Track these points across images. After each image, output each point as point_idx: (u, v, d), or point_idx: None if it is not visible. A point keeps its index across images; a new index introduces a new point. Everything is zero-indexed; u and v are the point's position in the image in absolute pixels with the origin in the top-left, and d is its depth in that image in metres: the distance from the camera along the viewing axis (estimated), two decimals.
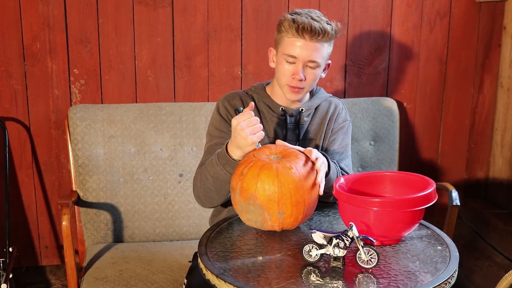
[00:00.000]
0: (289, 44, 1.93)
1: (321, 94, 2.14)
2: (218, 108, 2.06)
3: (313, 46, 1.92)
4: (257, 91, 2.09)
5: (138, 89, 2.80)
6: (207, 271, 1.51)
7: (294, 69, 1.95)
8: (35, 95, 2.73)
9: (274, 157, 1.71)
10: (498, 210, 3.04)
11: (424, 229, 1.77)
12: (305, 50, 1.92)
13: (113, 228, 2.59)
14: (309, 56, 1.93)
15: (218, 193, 1.90)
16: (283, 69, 1.96)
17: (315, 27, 1.89)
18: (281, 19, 1.97)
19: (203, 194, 1.94)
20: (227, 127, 1.99)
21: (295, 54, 1.93)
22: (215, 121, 2.05)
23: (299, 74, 1.94)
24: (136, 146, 2.62)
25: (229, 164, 1.80)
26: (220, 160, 1.83)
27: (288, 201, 1.64)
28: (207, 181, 1.89)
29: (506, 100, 3.02)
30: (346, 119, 2.14)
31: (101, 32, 2.72)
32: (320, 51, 1.94)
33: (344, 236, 1.49)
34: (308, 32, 1.90)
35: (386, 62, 2.97)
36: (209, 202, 1.97)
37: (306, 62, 1.94)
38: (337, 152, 2.08)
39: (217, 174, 1.85)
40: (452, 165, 3.16)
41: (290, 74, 1.95)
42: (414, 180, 1.75)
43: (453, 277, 1.51)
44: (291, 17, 1.93)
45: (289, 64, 1.95)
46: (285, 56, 1.95)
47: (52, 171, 2.81)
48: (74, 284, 2.34)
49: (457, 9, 2.97)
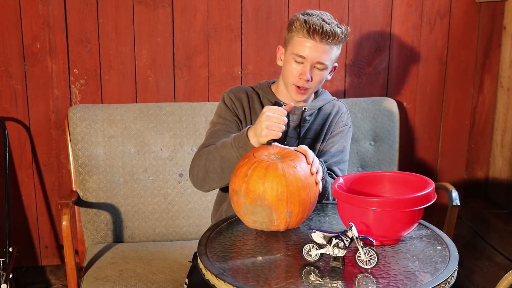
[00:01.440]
0: (299, 44, 1.95)
1: (326, 96, 2.16)
2: (224, 98, 2.09)
3: (323, 48, 1.94)
4: (262, 88, 2.12)
5: (138, 89, 2.80)
6: (207, 271, 1.51)
7: (302, 69, 1.96)
8: (35, 95, 2.73)
9: (275, 157, 1.71)
10: (498, 210, 3.04)
11: (424, 229, 1.77)
12: (314, 51, 1.94)
13: (113, 228, 2.59)
14: (318, 57, 1.94)
15: (222, 175, 1.88)
16: (291, 68, 1.98)
17: (326, 29, 1.91)
18: (293, 19, 1.98)
19: (203, 173, 1.92)
20: (231, 116, 2.04)
21: (304, 55, 1.94)
22: (219, 110, 2.08)
23: (306, 74, 1.95)
24: (136, 146, 2.62)
25: (245, 148, 1.80)
26: (236, 142, 1.83)
27: (296, 200, 1.64)
28: (215, 161, 1.87)
29: (506, 100, 3.02)
30: (347, 123, 2.15)
31: (101, 32, 2.72)
32: (328, 53, 1.96)
33: (344, 236, 1.49)
34: (319, 34, 1.91)
35: (386, 62, 2.97)
36: (207, 183, 1.94)
37: (314, 63, 1.96)
38: (332, 155, 2.08)
39: (228, 156, 1.84)
40: (452, 165, 3.15)
41: (298, 73, 1.97)
42: (413, 180, 1.75)
43: (452, 277, 1.51)
44: (303, 18, 1.94)
45: (297, 64, 1.97)
46: (294, 55, 1.96)
47: (52, 171, 2.81)
48: (74, 284, 2.34)
49: (457, 9, 2.97)
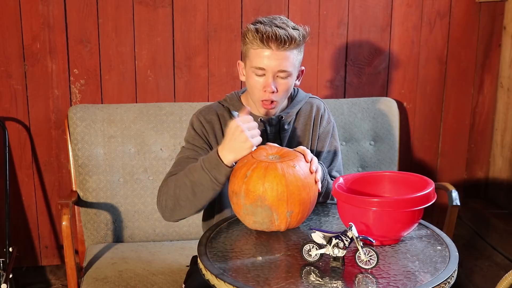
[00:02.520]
0: (256, 56, 1.83)
1: (300, 97, 2.04)
2: (193, 123, 1.96)
3: (281, 55, 1.81)
4: (232, 102, 1.98)
5: (138, 89, 2.80)
6: (207, 271, 1.51)
7: (264, 81, 1.84)
8: (35, 95, 2.73)
9: (273, 157, 1.71)
10: (498, 210, 3.04)
11: (424, 229, 1.77)
12: (273, 60, 1.81)
13: (113, 228, 2.59)
14: (278, 66, 1.82)
15: (194, 202, 1.79)
16: (253, 82, 1.86)
17: (280, 35, 1.78)
18: (244, 31, 1.86)
19: (173, 202, 1.81)
20: (201, 143, 1.92)
21: (263, 66, 1.82)
22: (188, 135, 1.96)
23: (270, 86, 1.84)
24: (136, 146, 2.62)
25: (217, 169, 1.71)
26: (206, 164, 1.73)
27: (296, 199, 1.64)
28: (185, 187, 1.77)
29: (506, 100, 3.02)
30: (330, 120, 2.06)
31: (101, 32, 2.72)
32: (289, 60, 1.83)
33: (344, 236, 1.49)
34: (273, 41, 1.79)
35: (386, 62, 2.97)
36: (177, 212, 1.83)
37: (276, 72, 1.83)
38: (327, 159, 2.03)
39: (200, 180, 1.74)
40: (452, 165, 3.15)
41: (261, 87, 1.85)
42: (413, 180, 1.75)
43: (452, 277, 1.51)
44: (253, 27, 1.82)
45: (258, 76, 1.85)
46: (253, 69, 1.85)
47: (52, 171, 2.81)
48: (74, 284, 2.34)
49: (457, 9, 2.97)
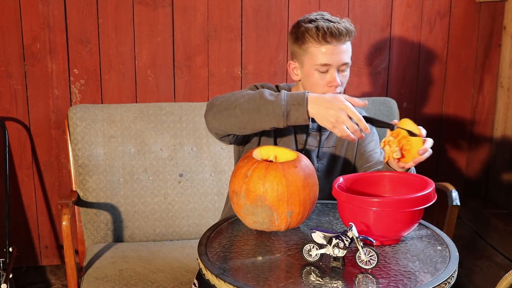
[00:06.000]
0: (319, 53, 1.86)
1: None
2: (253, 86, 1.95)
3: (343, 49, 1.87)
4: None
5: (138, 89, 2.80)
6: (207, 271, 1.51)
7: (329, 77, 1.88)
8: (35, 95, 2.73)
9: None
10: (498, 210, 3.04)
11: (424, 229, 1.77)
12: (337, 55, 1.86)
13: (113, 228, 2.59)
14: (341, 59, 1.87)
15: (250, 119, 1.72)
16: (316, 80, 1.89)
17: (340, 29, 1.84)
18: (301, 30, 1.88)
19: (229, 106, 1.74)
20: None
21: (328, 62, 1.86)
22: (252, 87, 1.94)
23: (336, 81, 1.87)
24: (136, 146, 2.62)
25: (296, 108, 1.65)
26: (289, 98, 1.67)
27: (296, 200, 1.64)
28: (253, 101, 1.71)
29: (506, 100, 3.02)
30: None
31: (101, 32, 2.72)
32: (348, 51, 1.90)
33: (344, 236, 1.49)
34: (335, 36, 1.84)
35: (386, 62, 2.97)
36: (224, 118, 1.76)
37: (339, 66, 1.88)
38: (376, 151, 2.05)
39: (273, 104, 1.67)
40: (452, 165, 3.15)
41: (326, 83, 1.88)
42: (413, 180, 1.75)
43: (452, 277, 1.51)
44: (312, 25, 1.86)
45: (321, 73, 1.88)
46: (317, 66, 1.87)
47: (52, 171, 2.81)
48: (74, 284, 2.34)
49: (457, 9, 2.97)
